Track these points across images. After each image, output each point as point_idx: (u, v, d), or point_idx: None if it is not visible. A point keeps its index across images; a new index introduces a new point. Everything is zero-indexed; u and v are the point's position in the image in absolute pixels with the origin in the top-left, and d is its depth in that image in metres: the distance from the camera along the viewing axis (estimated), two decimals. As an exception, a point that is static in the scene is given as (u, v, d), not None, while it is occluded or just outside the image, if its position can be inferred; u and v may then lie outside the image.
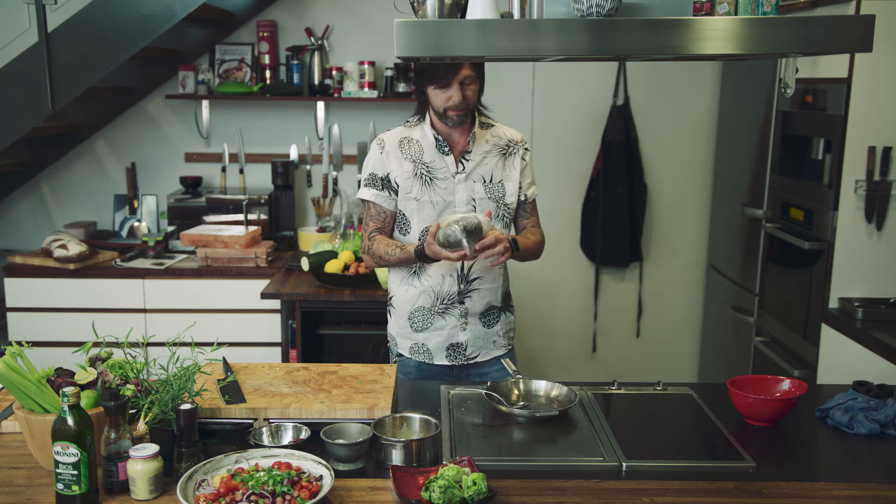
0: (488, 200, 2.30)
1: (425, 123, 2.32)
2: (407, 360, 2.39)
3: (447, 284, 2.30)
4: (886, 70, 2.79)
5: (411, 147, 2.31)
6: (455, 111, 2.21)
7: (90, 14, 3.27)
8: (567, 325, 4.49)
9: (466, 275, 2.31)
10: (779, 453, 1.80)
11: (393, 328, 2.43)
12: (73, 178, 4.23)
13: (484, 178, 2.31)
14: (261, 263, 3.69)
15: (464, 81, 2.19)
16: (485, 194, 2.31)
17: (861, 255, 2.90)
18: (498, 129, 2.39)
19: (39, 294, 3.63)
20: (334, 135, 4.12)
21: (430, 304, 2.33)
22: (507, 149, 2.37)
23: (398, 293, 2.38)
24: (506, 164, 2.35)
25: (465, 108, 2.22)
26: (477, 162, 2.31)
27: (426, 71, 2.20)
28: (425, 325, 2.34)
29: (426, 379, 2.37)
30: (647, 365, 4.48)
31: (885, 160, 2.82)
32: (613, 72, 4.20)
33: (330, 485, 1.50)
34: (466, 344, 2.35)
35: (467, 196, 2.29)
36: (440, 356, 2.36)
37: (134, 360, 1.77)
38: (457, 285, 2.30)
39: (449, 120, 2.24)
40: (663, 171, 4.32)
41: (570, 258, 4.41)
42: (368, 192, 2.33)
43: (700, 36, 1.59)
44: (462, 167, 2.30)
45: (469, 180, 2.30)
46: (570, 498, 1.57)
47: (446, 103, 2.21)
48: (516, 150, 2.38)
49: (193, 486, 1.50)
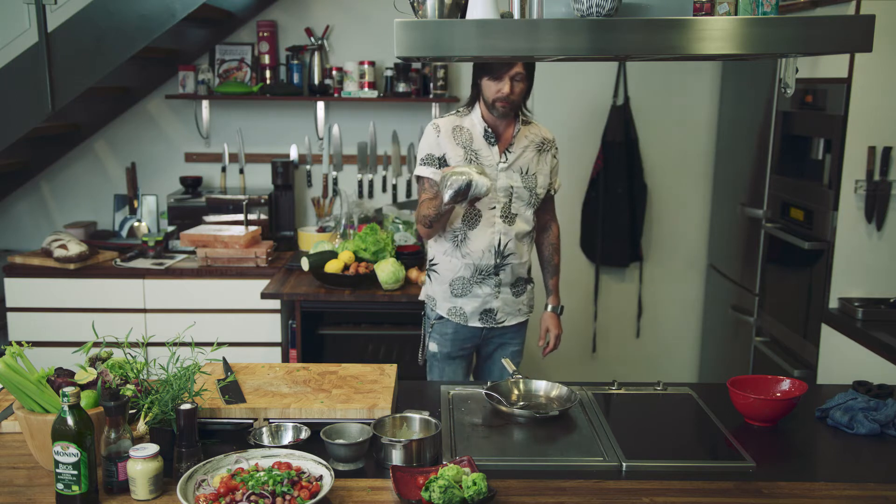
0: (524, 189, 2.60)
1: (474, 113, 2.58)
2: (446, 321, 2.67)
3: (486, 258, 2.58)
4: (886, 70, 2.79)
5: (463, 134, 2.57)
6: (503, 103, 2.47)
7: (90, 14, 3.27)
8: (567, 325, 4.45)
9: (502, 251, 2.59)
10: (779, 453, 1.80)
11: (435, 292, 2.69)
12: (73, 178, 4.23)
13: (522, 169, 2.60)
14: (261, 263, 3.69)
15: (514, 77, 2.44)
16: (521, 184, 2.59)
17: (861, 255, 2.90)
18: (535, 128, 2.67)
19: (39, 294, 3.63)
20: (334, 135, 4.11)
21: (470, 275, 2.61)
22: (542, 146, 2.66)
23: (442, 262, 2.65)
24: (540, 160, 2.65)
25: (511, 102, 2.47)
26: (518, 154, 2.59)
27: (483, 65, 2.47)
28: (464, 292, 2.63)
29: (460, 340, 2.67)
30: (647, 365, 4.48)
31: (885, 160, 2.82)
32: (613, 72, 4.20)
33: (330, 485, 1.50)
34: (497, 310, 2.65)
35: (507, 183, 2.57)
36: (474, 319, 2.65)
37: (134, 360, 1.77)
38: (493, 259, 2.59)
39: (496, 110, 2.50)
40: (663, 171, 4.32)
41: (570, 258, 4.40)
42: (427, 169, 2.57)
43: (700, 36, 1.59)
44: (505, 158, 2.58)
45: (510, 170, 2.58)
46: (570, 498, 1.57)
47: (496, 94, 2.46)
48: (549, 148, 2.69)
49: (193, 486, 1.50)
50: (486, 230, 2.58)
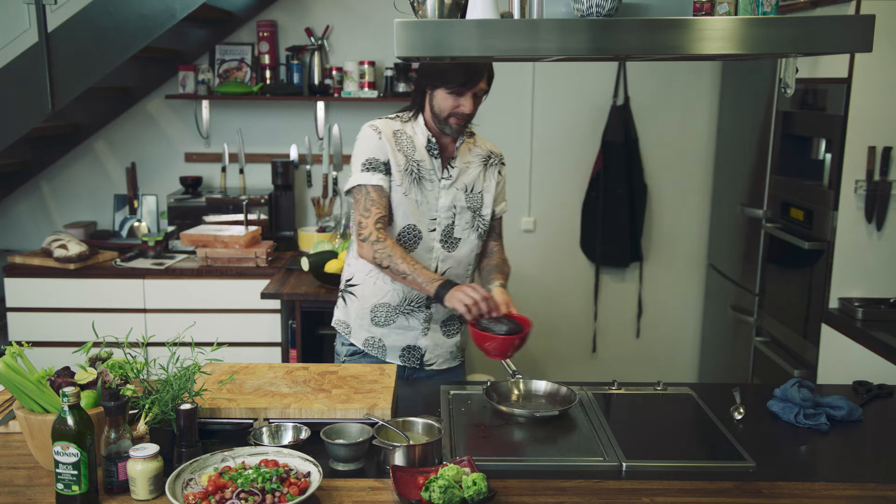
0: (467, 210, 2.30)
1: (418, 122, 2.27)
2: (361, 356, 2.34)
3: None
4: (886, 70, 2.79)
5: (404, 140, 2.25)
6: (459, 120, 2.18)
7: (90, 14, 3.27)
8: (567, 325, 4.48)
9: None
10: (779, 453, 1.80)
11: (350, 317, 2.35)
12: (73, 178, 4.23)
13: (466, 186, 2.30)
14: (261, 263, 3.69)
15: (477, 93, 2.17)
16: (465, 203, 2.30)
17: (861, 255, 2.90)
18: (479, 140, 2.38)
19: (39, 294, 3.63)
20: (334, 135, 4.11)
21: (397, 303, 2.28)
22: (488, 160, 2.36)
23: (364, 283, 2.30)
24: (486, 176, 2.35)
25: (468, 119, 2.20)
26: (461, 170, 2.30)
27: (441, 74, 2.14)
28: (387, 321, 2.30)
29: None
30: (647, 365, 4.48)
31: (885, 160, 2.82)
32: (613, 72, 4.20)
33: (318, 481, 1.50)
34: (425, 350, 2.33)
35: (450, 202, 2.28)
36: (393, 355, 2.33)
37: (134, 360, 1.77)
38: None
39: (448, 127, 2.20)
40: (663, 171, 4.32)
41: (570, 258, 4.41)
42: (373, 176, 2.19)
43: (700, 36, 1.59)
44: (448, 173, 2.28)
45: (453, 187, 2.28)
46: (570, 498, 1.57)
47: (454, 110, 2.17)
48: (495, 163, 2.38)
49: (181, 485, 1.50)
50: (423, 254, 2.27)
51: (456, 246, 2.30)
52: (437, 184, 2.26)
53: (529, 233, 4.37)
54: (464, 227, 2.30)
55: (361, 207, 2.21)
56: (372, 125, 2.25)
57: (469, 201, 2.30)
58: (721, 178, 4.13)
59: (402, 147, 2.24)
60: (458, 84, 2.13)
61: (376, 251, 2.16)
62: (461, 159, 2.30)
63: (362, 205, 2.21)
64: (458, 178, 2.29)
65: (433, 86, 2.18)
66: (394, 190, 2.23)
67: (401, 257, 2.14)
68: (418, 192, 2.24)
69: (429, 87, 2.19)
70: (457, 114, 2.17)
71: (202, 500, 1.44)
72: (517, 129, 4.28)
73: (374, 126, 2.24)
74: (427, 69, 2.19)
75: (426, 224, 2.25)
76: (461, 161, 2.30)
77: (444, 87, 2.15)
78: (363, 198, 2.21)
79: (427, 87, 2.20)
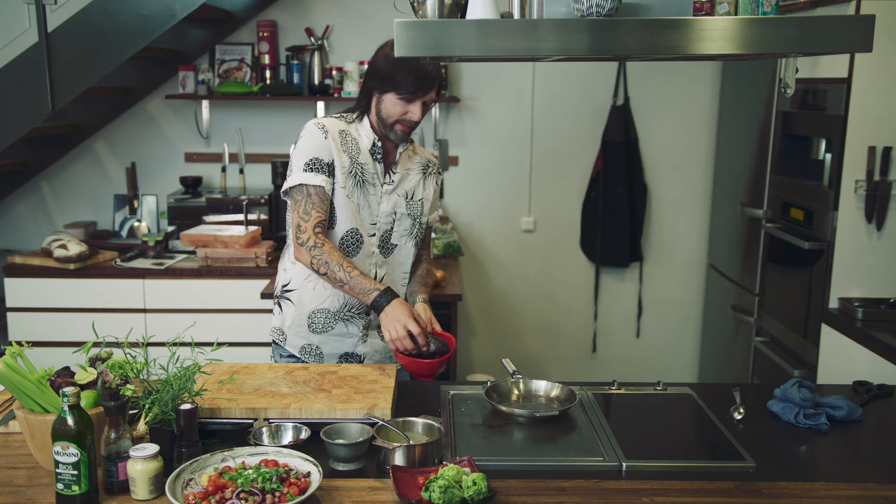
0: (407, 216, 2.28)
1: (363, 124, 2.23)
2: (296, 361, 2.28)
3: None
4: (886, 70, 2.79)
5: (349, 142, 2.20)
6: (405, 127, 2.15)
7: (90, 14, 3.27)
8: (567, 325, 4.49)
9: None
10: (779, 453, 1.80)
11: (285, 323, 2.29)
12: (73, 178, 4.23)
13: (407, 193, 2.28)
14: (261, 263, 3.69)
15: (427, 102, 2.13)
16: (406, 210, 2.27)
17: (861, 255, 2.90)
18: (418, 148, 2.36)
19: (39, 294, 3.63)
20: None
21: (337, 309, 2.23)
22: (427, 168, 2.35)
23: (302, 288, 2.24)
24: (426, 184, 2.33)
25: (413, 127, 2.17)
26: (403, 176, 2.27)
27: (393, 79, 2.10)
28: (325, 328, 2.25)
29: None
30: (647, 365, 4.49)
31: (885, 160, 2.82)
32: (613, 72, 4.20)
33: (318, 481, 1.50)
34: (364, 357, 2.28)
35: (391, 207, 2.25)
36: (332, 362, 2.27)
37: (134, 360, 1.77)
38: None
39: (393, 133, 2.17)
40: (663, 171, 4.32)
41: (570, 258, 4.41)
42: (315, 176, 2.12)
43: (700, 36, 1.59)
44: (391, 178, 2.25)
45: (395, 193, 2.26)
46: (570, 498, 1.57)
47: (401, 116, 2.13)
48: (433, 172, 2.36)
49: (181, 486, 1.50)
50: (363, 259, 2.22)
51: (391, 252, 2.27)
52: (380, 188, 2.23)
53: (529, 233, 4.37)
54: (402, 234, 2.28)
55: (301, 209, 2.14)
56: (318, 123, 2.18)
57: (409, 208, 2.28)
58: (721, 178, 4.13)
59: (348, 148, 2.19)
60: (409, 91, 2.09)
61: (314, 256, 2.11)
62: (402, 166, 2.27)
63: (302, 207, 2.14)
64: (399, 184, 2.26)
65: (383, 90, 2.13)
66: (337, 192, 2.18)
67: (338, 264, 2.10)
68: (360, 196, 2.21)
69: (378, 91, 2.15)
70: (404, 120, 2.14)
71: (202, 500, 1.44)
72: (517, 129, 4.28)
73: (321, 124, 2.18)
74: (378, 72, 2.14)
75: (367, 228, 2.22)
76: (402, 167, 2.27)
77: (394, 92, 2.11)
78: (303, 199, 2.14)
79: (376, 90, 2.15)
